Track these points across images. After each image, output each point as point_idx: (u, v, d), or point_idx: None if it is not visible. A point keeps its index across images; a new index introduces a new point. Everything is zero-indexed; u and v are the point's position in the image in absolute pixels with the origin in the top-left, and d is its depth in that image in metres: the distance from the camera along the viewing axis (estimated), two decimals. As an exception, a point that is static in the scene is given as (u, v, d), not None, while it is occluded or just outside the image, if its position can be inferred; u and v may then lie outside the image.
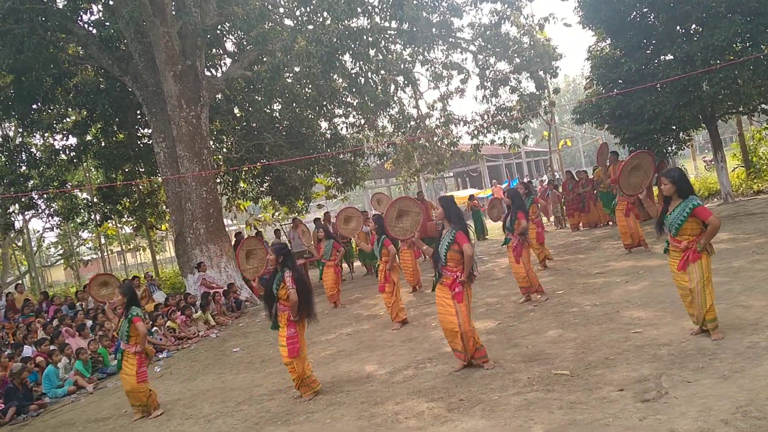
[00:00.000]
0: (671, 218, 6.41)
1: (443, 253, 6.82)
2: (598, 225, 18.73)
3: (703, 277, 6.28)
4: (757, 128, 23.42)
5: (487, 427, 5.20)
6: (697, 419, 4.57)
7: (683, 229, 6.33)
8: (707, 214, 6.22)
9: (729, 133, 38.75)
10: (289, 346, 7.01)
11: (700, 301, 6.31)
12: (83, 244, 40.29)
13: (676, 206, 6.38)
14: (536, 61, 19.47)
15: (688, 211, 6.25)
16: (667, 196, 6.46)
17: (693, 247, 6.30)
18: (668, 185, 6.39)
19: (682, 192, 6.35)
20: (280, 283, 7.08)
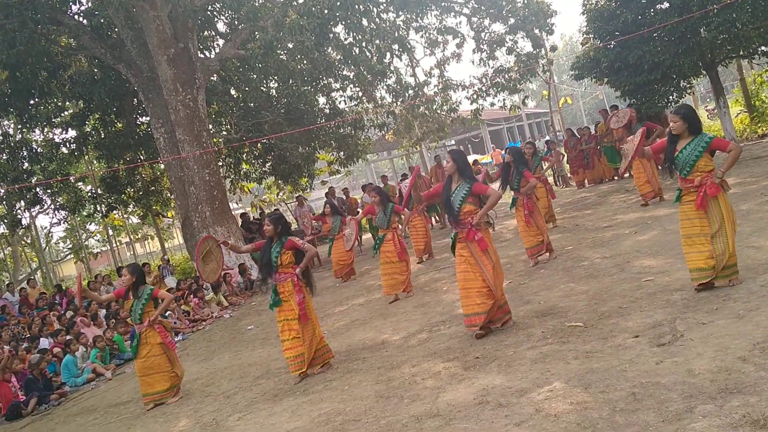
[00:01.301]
0: (684, 156, 6.07)
1: (458, 204, 6.58)
2: (603, 180, 18.63)
3: (724, 217, 5.99)
4: (758, 72, 23.19)
5: (504, 382, 5.21)
6: (714, 358, 4.55)
7: (697, 166, 6.01)
8: (726, 143, 6.06)
9: (730, 81, 38.40)
10: (301, 311, 6.93)
11: (723, 245, 6.00)
12: (91, 236, 40.45)
13: (688, 143, 6.07)
14: (531, 20, 19.28)
15: (704, 144, 5.98)
16: (675, 135, 6.15)
17: (709, 181, 5.99)
18: (679, 122, 6.08)
19: (694, 128, 6.08)
20: (281, 248, 7.01)
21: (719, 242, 6.03)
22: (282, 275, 7.05)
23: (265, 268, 7.17)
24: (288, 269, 7.05)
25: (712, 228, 6.04)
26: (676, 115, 6.15)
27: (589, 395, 4.50)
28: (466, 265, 6.63)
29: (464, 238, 6.60)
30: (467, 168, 6.75)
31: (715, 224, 6.03)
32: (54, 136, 22.58)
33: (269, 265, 7.09)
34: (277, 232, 7.10)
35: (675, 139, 6.18)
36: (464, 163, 6.75)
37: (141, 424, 7.12)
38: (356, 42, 17.89)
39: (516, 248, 11.50)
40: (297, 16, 14.69)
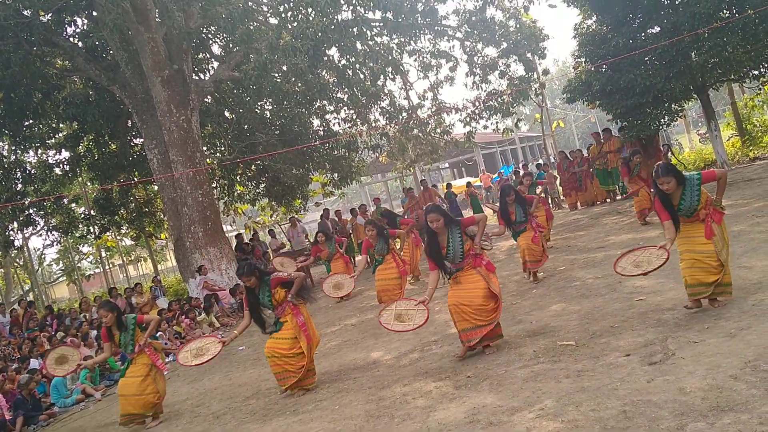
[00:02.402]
0: (687, 204, 6.08)
1: (460, 250, 6.53)
2: (595, 203, 18.69)
3: (725, 239, 6.12)
4: (750, 96, 23.41)
5: (495, 401, 5.18)
6: (706, 377, 4.54)
7: (701, 203, 6.09)
8: (713, 173, 6.17)
9: (722, 105, 38.76)
10: (305, 333, 7.00)
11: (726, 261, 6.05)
12: (84, 258, 40.35)
13: (683, 192, 6.07)
14: (523, 44, 19.45)
15: (698, 184, 6.04)
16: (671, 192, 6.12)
17: (710, 209, 6.10)
18: (672, 181, 6.04)
19: (680, 181, 6.09)
20: (270, 290, 7.04)
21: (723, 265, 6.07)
22: (280, 309, 7.13)
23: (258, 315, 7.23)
24: (285, 301, 7.09)
25: (716, 247, 6.06)
26: (667, 176, 6.07)
27: (580, 414, 4.48)
28: (465, 284, 6.61)
29: (470, 266, 6.60)
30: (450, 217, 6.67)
31: (720, 244, 6.08)
32: (48, 157, 22.57)
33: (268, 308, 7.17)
34: (258, 279, 7.09)
35: (666, 196, 6.14)
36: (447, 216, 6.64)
37: (129, 445, 7.05)
38: (350, 64, 18.01)
39: (509, 269, 11.50)
40: (291, 38, 14.79)
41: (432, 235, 6.61)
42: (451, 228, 6.53)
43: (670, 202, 6.13)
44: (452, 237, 6.52)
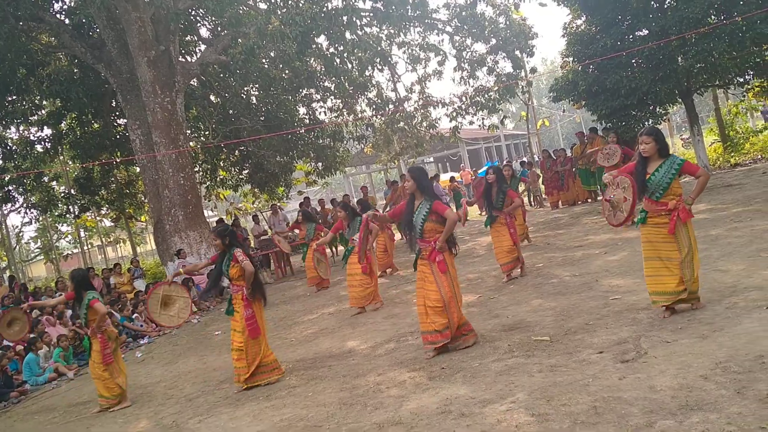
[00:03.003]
0: (657, 179, 5.96)
1: (420, 224, 6.52)
2: (576, 202, 18.79)
3: (691, 244, 5.96)
4: (734, 102, 23.62)
5: (468, 393, 5.20)
6: (677, 376, 4.58)
7: (671, 189, 5.95)
8: (696, 168, 6.00)
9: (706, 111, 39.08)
10: (249, 327, 6.85)
11: (689, 271, 5.95)
12: (63, 238, 40.00)
13: (660, 165, 5.98)
14: (512, 41, 19.51)
15: (677, 167, 5.91)
16: (645, 158, 6.06)
17: (681, 206, 5.93)
18: (651, 144, 5.98)
19: (663, 151, 6.02)
20: (230, 262, 6.97)
21: (687, 268, 5.98)
22: (234, 287, 7.07)
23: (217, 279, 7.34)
24: (239, 282, 6.98)
25: (681, 253, 5.97)
26: (648, 136, 6.04)
27: (551, 407, 4.51)
28: (423, 282, 6.63)
29: (427, 256, 6.58)
30: (428, 185, 6.68)
31: (684, 250, 5.97)
32: (29, 134, 22.33)
33: (225, 276, 7.15)
34: (225, 245, 7.05)
35: (645, 161, 6.09)
36: (424, 180, 6.66)
37: (100, 424, 7.01)
38: (338, 53, 17.97)
39: (487, 264, 11.54)
40: (280, 23, 14.70)
41: (410, 197, 6.68)
42: (424, 199, 6.54)
43: (644, 169, 6.06)
44: (421, 207, 6.53)
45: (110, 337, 7.56)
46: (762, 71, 17.39)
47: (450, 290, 6.46)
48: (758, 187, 13.52)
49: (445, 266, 6.48)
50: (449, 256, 6.57)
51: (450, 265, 6.55)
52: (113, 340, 7.60)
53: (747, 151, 20.31)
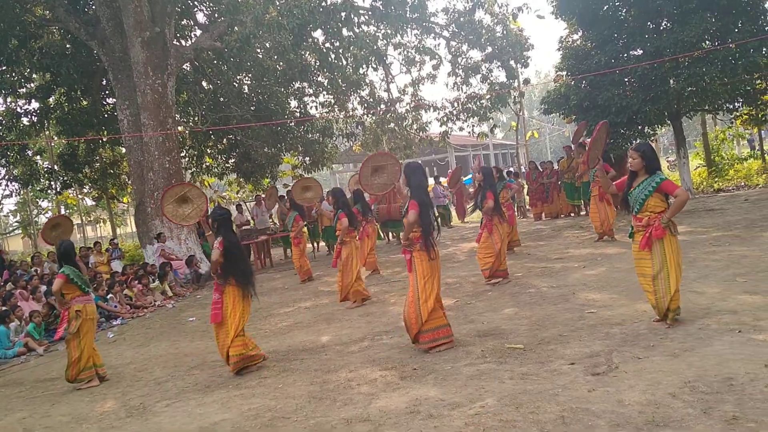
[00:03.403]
0: (635, 193, 6.13)
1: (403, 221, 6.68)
2: (560, 215, 18.89)
3: (666, 260, 6.03)
4: (721, 128, 23.85)
5: (438, 395, 5.20)
6: (645, 392, 4.62)
7: (646, 205, 6.07)
8: (674, 188, 6.05)
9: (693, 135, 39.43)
10: (213, 311, 6.88)
11: (664, 287, 6.06)
12: (42, 213, 39.60)
13: (641, 181, 6.13)
14: (508, 51, 19.56)
15: (654, 185, 6.02)
16: (634, 172, 6.20)
17: (656, 223, 6.04)
18: (637, 159, 6.12)
19: (650, 167, 6.11)
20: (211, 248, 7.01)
21: (660, 284, 6.08)
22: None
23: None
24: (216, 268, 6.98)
25: (653, 269, 6.09)
26: (636, 151, 6.17)
27: (519, 414, 4.53)
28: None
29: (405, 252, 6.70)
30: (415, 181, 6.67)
31: (657, 266, 6.08)
32: (17, 106, 22.09)
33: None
34: (214, 230, 7.09)
35: (633, 175, 6.24)
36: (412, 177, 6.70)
37: (66, 401, 6.94)
38: (334, 48, 17.93)
39: (467, 269, 11.57)
40: (277, 14, 14.65)
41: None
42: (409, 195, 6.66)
43: (630, 183, 6.25)
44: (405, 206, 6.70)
45: (70, 315, 7.43)
46: (751, 100, 17.59)
47: (412, 294, 6.52)
48: (739, 213, 13.66)
49: (410, 266, 6.59)
50: (418, 256, 6.54)
51: (417, 266, 6.53)
52: (72, 319, 7.42)
53: (731, 177, 20.52)
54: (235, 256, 6.97)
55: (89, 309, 7.59)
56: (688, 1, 15.13)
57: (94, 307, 7.73)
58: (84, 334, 7.49)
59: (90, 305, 7.62)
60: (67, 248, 7.80)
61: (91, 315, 7.60)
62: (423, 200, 6.56)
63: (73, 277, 7.49)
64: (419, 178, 6.75)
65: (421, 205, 6.49)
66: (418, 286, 6.50)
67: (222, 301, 6.90)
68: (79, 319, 7.41)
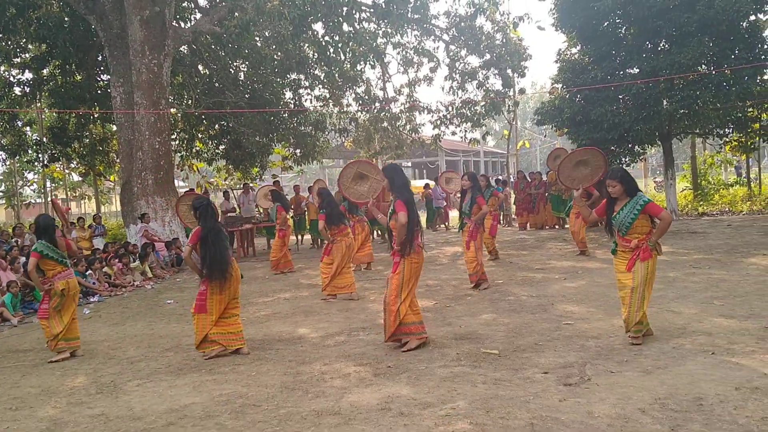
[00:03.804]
0: (621, 217, 6.23)
1: (388, 223, 6.72)
2: (544, 227, 18.98)
3: (646, 277, 6.15)
4: (711, 153, 24.05)
5: (410, 394, 5.22)
6: (616, 405, 4.65)
7: (634, 227, 6.16)
8: (659, 210, 6.16)
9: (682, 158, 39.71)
10: (197, 301, 6.92)
11: (639, 301, 6.15)
12: (28, 185, 39.31)
13: (625, 204, 6.23)
14: (506, 59, 19.62)
15: (639, 207, 6.12)
16: (613, 198, 6.33)
17: (644, 245, 6.16)
18: (617, 186, 6.25)
19: (630, 191, 6.25)
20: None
21: (636, 297, 6.17)
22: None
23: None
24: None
25: (634, 282, 6.18)
26: (613, 179, 6.31)
27: (489, 419, 4.54)
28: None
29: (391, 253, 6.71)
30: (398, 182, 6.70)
31: (637, 280, 6.17)
32: (9, 75, 21.91)
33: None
34: (196, 217, 7.11)
35: (613, 200, 6.36)
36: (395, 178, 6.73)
37: (37, 374, 6.88)
38: (333, 42, 17.89)
39: (448, 273, 11.60)
40: (279, 3, 14.62)
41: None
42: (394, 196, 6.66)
43: (611, 208, 6.37)
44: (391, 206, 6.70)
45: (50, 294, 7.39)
46: (742, 126, 17.77)
47: (394, 293, 6.52)
48: (721, 238, 13.78)
49: (396, 269, 6.59)
50: (407, 259, 6.56)
51: (405, 269, 6.55)
52: (58, 296, 7.38)
53: (716, 202, 20.70)
54: (216, 248, 6.90)
55: (72, 284, 7.53)
56: (687, 24, 15.24)
57: (76, 282, 7.68)
58: (66, 310, 7.47)
59: (72, 280, 7.57)
60: (44, 222, 7.69)
61: (74, 290, 7.56)
62: (408, 199, 6.57)
63: (47, 253, 7.41)
64: (402, 178, 6.78)
65: (407, 203, 6.50)
66: (402, 288, 6.53)
67: (206, 292, 6.92)
68: (64, 297, 7.37)
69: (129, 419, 5.18)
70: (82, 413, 5.43)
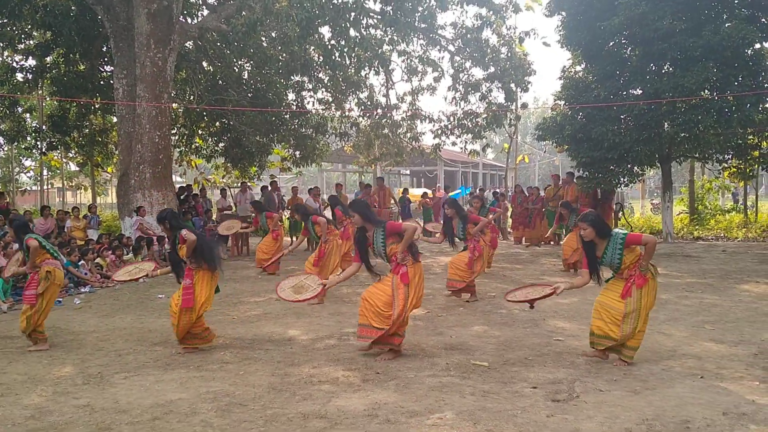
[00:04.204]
0: (608, 258, 6.21)
1: (383, 252, 6.66)
2: (540, 243, 18.97)
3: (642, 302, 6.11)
4: (709, 178, 24.10)
5: (398, 401, 5.20)
6: (603, 424, 4.65)
7: (624, 263, 6.16)
8: (639, 237, 6.14)
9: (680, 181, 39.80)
10: (184, 296, 6.93)
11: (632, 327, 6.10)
12: (24, 172, 39.19)
13: (606, 246, 6.20)
14: (510, 73, 19.65)
15: (621, 244, 6.11)
16: (589, 242, 6.30)
17: (637, 272, 6.14)
18: (588, 229, 6.21)
19: (602, 232, 6.22)
20: (178, 244, 7.06)
21: (630, 322, 6.13)
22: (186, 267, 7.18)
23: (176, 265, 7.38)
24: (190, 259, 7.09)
25: (626, 307, 6.14)
26: (584, 222, 6.29)
27: (476, 430, 4.54)
28: (381, 283, 6.68)
29: (392, 270, 6.64)
30: (371, 216, 6.77)
31: (631, 305, 6.14)
32: (12, 61, 21.86)
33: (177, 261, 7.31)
34: (169, 229, 7.21)
35: (591, 245, 6.32)
36: (367, 213, 6.76)
37: (24, 361, 6.85)
38: (339, 47, 17.90)
39: (441, 282, 11.54)
40: (287, 4, 14.64)
41: (360, 229, 6.75)
42: (376, 228, 6.67)
43: (593, 251, 6.31)
44: (376, 236, 6.67)
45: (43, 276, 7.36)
46: (742, 153, 17.81)
47: (403, 306, 6.45)
48: (715, 263, 13.81)
49: (407, 278, 6.52)
50: (413, 266, 6.58)
51: (415, 276, 6.58)
52: (44, 280, 7.34)
53: (711, 227, 20.74)
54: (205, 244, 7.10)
55: (58, 274, 7.53)
56: (692, 49, 15.30)
57: (62, 274, 7.68)
58: (47, 299, 7.42)
59: (59, 271, 7.56)
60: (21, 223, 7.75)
61: (58, 281, 7.54)
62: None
63: (44, 243, 7.51)
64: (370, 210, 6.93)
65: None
66: (408, 296, 6.51)
67: (193, 286, 6.99)
68: (48, 281, 7.34)
69: (114, 411, 5.16)
70: (68, 403, 5.40)
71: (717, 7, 16.23)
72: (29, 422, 4.96)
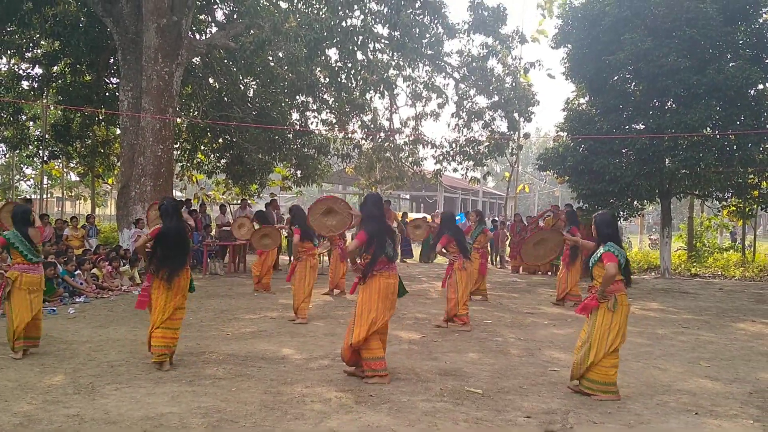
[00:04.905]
0: (591, 261, 6.30)
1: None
2: (537, 272, 18.96)
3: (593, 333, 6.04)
4: (708, 216, 24.13)
5: (390, 424, 5.17)
6: (595, 456, 4.61)
7: (593, 273, 6.21)
8: (607, 260, 5.96)
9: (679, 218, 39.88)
10: (139, 297, 7.14)
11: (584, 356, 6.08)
12: (25, 180, 39.24)
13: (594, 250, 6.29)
14: (514, 103, 19.73)
15: (599, 255, 6.13)
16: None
17: (592, 293, 6.18)
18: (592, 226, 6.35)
19: (602, 236, 6.17)
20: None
21: (582, 352, 6.15)
22: None
23: None
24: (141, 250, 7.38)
25: (583, 336, 6.22)
26: (594, 221, 6.39)
27: (467, 457, 4.50)
28: None
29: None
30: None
31: (585, 335, 6.19)
32: (19, 69, 21.99)
33: None
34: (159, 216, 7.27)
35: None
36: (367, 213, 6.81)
37: (15, 368, 6.80)
38: (345, 69, 18.00)
39: (438, 307, 11.53)
40: (296, 25, 14.75)
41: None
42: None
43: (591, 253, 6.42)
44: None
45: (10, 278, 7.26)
46: (741, 192, 17.84)
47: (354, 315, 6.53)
48: (711, 300, 13.79)
49: (352, 290, 6.92)
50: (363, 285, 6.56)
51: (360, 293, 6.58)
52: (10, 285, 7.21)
53: (709, 264, 20.73)
54: (171, 246, 6.92)
55: (26, 279, 7.29)
56: (696, 86, 15.40)
57: (34, 278, 7.38)
58: (16, 304, 7.24)
59: (28, 275, 7.32)
60: (21, 212, 7.47)
61: (26, 285, 7.29)
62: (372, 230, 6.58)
63: (14, 243, 7.24)
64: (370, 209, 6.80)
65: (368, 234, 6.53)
66: (354, 312, 6.55)
67: (149, 288, 7.01)
68: (8, 287, 7.23)
69: (104, 422, 5.12)
70: (58, 412, 5.36)
71: (722, 47, 16.34)
72: (18, 429, 4.92)
